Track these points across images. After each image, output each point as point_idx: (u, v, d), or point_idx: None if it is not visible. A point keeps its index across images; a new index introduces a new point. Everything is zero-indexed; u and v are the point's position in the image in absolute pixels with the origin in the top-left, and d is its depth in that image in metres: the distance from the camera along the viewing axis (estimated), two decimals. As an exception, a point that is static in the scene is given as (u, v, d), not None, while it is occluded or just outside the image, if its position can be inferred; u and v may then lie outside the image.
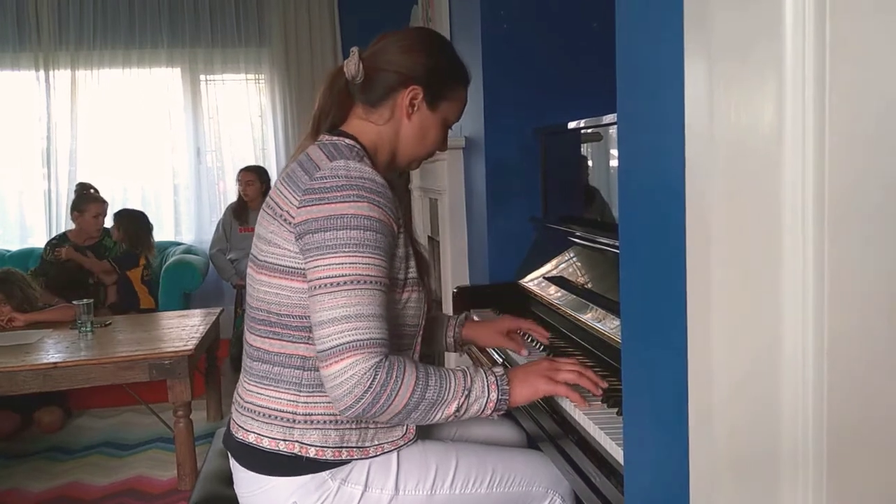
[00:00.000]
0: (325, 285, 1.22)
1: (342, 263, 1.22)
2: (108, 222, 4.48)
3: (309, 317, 1.27)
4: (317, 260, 1.24)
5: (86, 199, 4.38)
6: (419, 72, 1.42)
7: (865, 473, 0.62)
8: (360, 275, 1.23)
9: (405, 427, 1.40)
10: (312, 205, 1.26)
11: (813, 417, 0.62)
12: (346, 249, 1.23)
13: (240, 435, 1.38)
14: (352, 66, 1.41)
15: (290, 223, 1.29)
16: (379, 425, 1.37)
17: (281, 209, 1.31)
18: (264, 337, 1.36)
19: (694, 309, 0.73)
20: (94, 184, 4.56)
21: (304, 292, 1.29)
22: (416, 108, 1.43)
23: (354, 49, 1.42)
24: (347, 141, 1.39)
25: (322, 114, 1.45)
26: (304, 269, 1.28)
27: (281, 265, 1.31)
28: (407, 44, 1.44)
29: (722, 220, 0.68)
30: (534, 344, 1.82)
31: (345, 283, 1.22)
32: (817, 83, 0.58)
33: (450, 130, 1.56)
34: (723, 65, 0.66)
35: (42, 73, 5.11)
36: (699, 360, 0.73)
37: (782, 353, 0.63)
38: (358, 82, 1.42)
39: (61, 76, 5.16)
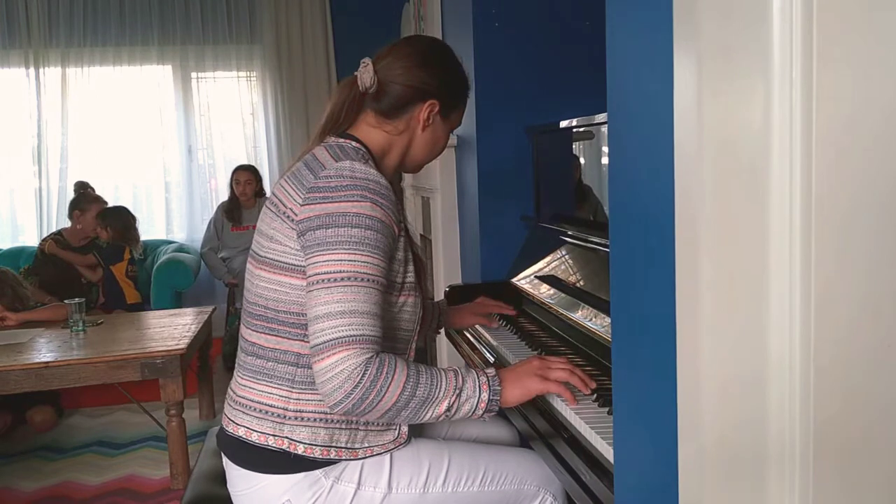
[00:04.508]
0: (323, 281, 1.23)
1: (341, 260, 1.24)
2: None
3: (305, 314, 1.28)
4: (316, 256, 1.25)
5: (87, 198, 4.43)
6: (436, 86, 1.46)
7: (851, 474, 0.63)
8: (357, 272, 1.24)
9: (397, 431, 1.40)
10: (316, 203, 1.27)
11: (800, 418, 0.62)
12: (346, 247, 1.24)
13: (230, 428, 1.39)
14: (366, 77, 1.43)
15: (292, 220, 1.30)
16: (370, 427, 1.37)
17: (285, 206, 1.33)
18: (260, 332, 1.37)
19: (683, 309, 0.74)
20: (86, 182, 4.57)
21: (302, 289, 1.30)
22: (432, 121, 1.47)
23: (367, 60, 1.45)
24: (354, 144, 1.41)
25: (331, 119, 1.47)
26: (304, 266, 1.29)
27: (281, 262, 1.33)
28: (422, 58, 1.46)
29: (710, 223, 0.68)
30: (518, 339, 1.83)
31: (342, 279, 1.23)
32: (804, 87, 0.59)
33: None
34: (711, 68, 0.67)
35: (32, 70, 5.08)
36: (688, 359, 0.73)
37: (770, 355, 0.64)
38: (371, 92, 1.44)
39: (51, 74, 5.13)
